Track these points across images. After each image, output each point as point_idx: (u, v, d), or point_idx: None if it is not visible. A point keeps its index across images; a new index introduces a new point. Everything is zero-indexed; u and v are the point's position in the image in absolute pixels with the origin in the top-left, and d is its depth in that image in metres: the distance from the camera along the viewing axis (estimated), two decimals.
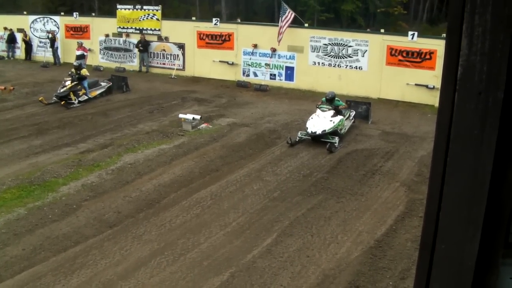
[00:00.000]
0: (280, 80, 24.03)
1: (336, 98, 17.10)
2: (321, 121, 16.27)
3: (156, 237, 10.89)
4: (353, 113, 18.18)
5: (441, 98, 1.55)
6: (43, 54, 31.32)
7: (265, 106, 20.53)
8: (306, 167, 14.44)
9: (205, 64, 25.74)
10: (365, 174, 14.04)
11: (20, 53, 32.42)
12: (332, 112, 16.55)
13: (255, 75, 24.54)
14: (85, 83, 21.90)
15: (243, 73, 24.88)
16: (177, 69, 26.84)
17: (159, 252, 10.31)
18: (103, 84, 23.03)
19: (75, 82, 21.41)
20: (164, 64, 27.42)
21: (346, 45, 22.79)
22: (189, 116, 18.14)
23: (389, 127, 18.15)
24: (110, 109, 20.87)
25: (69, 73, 21.96)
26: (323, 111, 16.64)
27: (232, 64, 25.06)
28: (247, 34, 24.75)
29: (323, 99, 17.18)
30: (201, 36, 26.08)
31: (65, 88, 21.27)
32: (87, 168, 14.65)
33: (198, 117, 18.18)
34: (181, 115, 18.39)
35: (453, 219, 1.58)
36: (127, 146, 16.23)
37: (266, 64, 24.18)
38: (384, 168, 14.46)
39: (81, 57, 26.55)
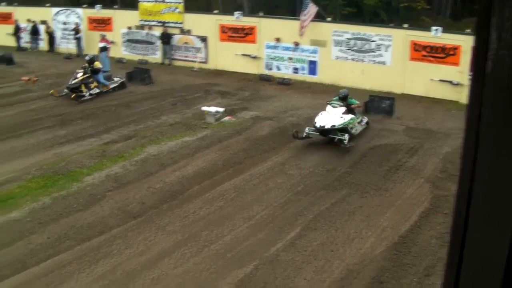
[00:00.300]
0: (303, 74, 23.96)
1: (349, 96, 16.52)
2: (331, 117, 15.58)
3: (179, 228, 10.94)
4: (365, 119, 17.39)
5: (470, 93, 1.51)
6: (66, 45, 31.51)
7: (288, 100, 20.46)
8: (329, 161, 14.38)
9: (227, 57, 25.73)
10: (389, 170, 13.94)
11: (43, 44, 32.64)
12: (343, 109, 15.88)
13: (278, 68, 24.50)
14: (100, 76, 21.82)
15: (266, 67, 24.84)
16: (199, 62, 26.86)
17: (183, 243, 10.36)
18: (116, 79, 22.84)
19: (87, 75, 21.32)
20: (186, 56, 27.44)
21: (369, 39, 22.64)
22: (212, 109, 18.15)
23: (413, 123, 18.00)
24: (133, 101, 20.93)
25: (83, 65, 21.87)
26: (333, 107, 15.99)
27: (255, 57, 25.02)
28: (270, 28, 24.68)
29: (336, 97, 16.60)
30: (223, 29, 26.07)
31: (76, 80, 21.14)
32: (111, 159, 14.75)
33: (221, 110, 18.18)
34: (204, 108, 18.40)
35: (483, 216, 1.55)
36: (151, 138, 16.31)
37: (289, 58, 24.13)
38: (408, 164, 14.34)
39: (103, 49, 26.62)
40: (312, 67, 23.71)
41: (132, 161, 14.57)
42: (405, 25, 23.06)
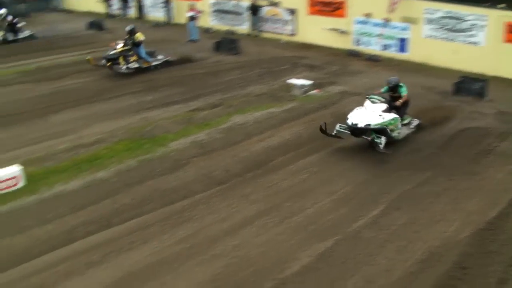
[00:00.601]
0: (393, 51, 23.41)
1: (400, 85, 13.93)
2: (367, 114, 13.07)
3: (263, 198, 11.01)
4: (416, 122, 14.64)
5: None
6: (154, 14, 31.96)
7: (376, 77, 19.85)
8: (416, 141, 13.94)
9: (315, 30, 25.42)
10: (478, 153, 13.40)
11: (132, 12, 33.22)
12: (384, 106, 13.36)
13: (367, 44, 23.99)
14: (142, 50, 21.08)
15: (355, 42, 24.44)
16: (287, 35, 26.69)
17: (265, 213, 10.41)
18: (159, 57, 21.98)
19: (127, 47, 20.64)
20: (274, 28, 27.30)
21: (462, 19, 21.87)
22: (300, 82, 18.03)
23: (505, 107, 17.15)
24: (220, 70, 21.03)
25: (125, 37, 21.07)
26: (373, 102, 13.41)
27: (344, 32, 24.63)
28: (360, 3, 24.19)
29: (385, 87, 14.18)
30: (312, 3, 25.77)
31: (115, 51, 20.46)
32: (197, 126, 14.95)
33: (308, 82, 18.02)
34: (291, 80, 18.29)
35: None
36: (237, 107, 16.41)
37: (378, 34, 23.64)
38: (499, 149, 13.73)
39: (192, 18, 26.85)
40: (402, 44, 23.12)
41: (218, 129, 14.71)
42: (501, 6, 22.12)
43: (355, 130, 12.96)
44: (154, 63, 21.51)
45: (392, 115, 13.26)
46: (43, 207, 11.17)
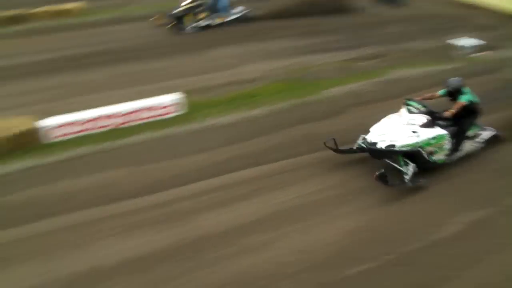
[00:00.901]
0: None
1: (463, 89, 10.03)
2: (396, 129, 9.72)
3: None
4: (487, 134, 10.87)
5: None
6: None
7: None
8: None
9: None
10: None
11: None
12: (423, 118, 9.77)
13: None
14: (223, 2, 19.37)
15: None
16: None
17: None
18: (237, 10, 19.99)
19: (196, 2, 19.01)
20: None
21: None
22: (466, 41, 17.19)
23: None
24: (382, 21, 20.36)
25: None
26: (410, 111, 10.05)
27: None
28: None
29: (443, 90, 10.43)
30: None
31: (180, 9, 18.94)
32: (354, 76, 14.80)
33: (475, 43, 17.11)
34: (456, 39, 17.40)
35: None
36: (397, 61, 15.99)
37: None
38: None
39: None
40: None
41: (375, 81, 14.49)
42: None
43: (372, 152, 9.83)
44: (229, 18, 19.71)
45: (434, 132, 9.74)
46: (197, 136, 11.67)
